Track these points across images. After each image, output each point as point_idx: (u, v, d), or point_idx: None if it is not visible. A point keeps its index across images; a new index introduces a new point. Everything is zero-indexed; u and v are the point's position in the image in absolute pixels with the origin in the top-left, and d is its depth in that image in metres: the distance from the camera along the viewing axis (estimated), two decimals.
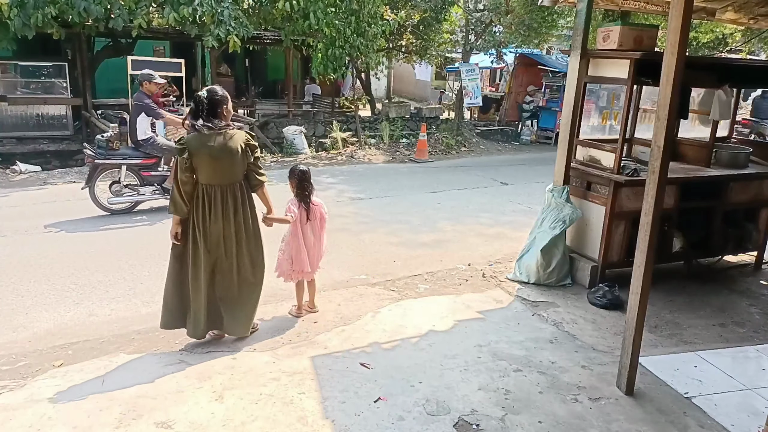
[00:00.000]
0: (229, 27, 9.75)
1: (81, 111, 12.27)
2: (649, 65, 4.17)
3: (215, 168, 3.45)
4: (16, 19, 8.55)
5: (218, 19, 9.65)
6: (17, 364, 3.53)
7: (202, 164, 3.42)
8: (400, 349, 3.79)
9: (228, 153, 3.46)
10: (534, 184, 9.18)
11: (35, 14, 8.64)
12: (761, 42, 16.43)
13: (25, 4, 8.61)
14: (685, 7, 2.89)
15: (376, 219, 7.20)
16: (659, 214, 3.11)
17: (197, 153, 3.40)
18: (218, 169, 3.46)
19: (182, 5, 9.28)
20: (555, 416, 3.09)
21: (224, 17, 9.70)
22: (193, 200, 3.48)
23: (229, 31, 9.76)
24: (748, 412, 3.21)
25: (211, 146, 3.42)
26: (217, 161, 3.44)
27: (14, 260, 5.33)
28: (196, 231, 3.51)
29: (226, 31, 9.72)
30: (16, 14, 8.53)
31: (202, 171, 3.44)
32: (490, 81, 23.32)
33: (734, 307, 4.72)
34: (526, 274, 5.01)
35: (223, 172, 3.48)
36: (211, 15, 9.55)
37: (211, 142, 3.42)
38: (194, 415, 2.99)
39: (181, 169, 3.41)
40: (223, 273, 3.64)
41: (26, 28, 8.81)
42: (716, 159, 5.39)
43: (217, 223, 3.51)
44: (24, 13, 8.62)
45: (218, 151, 3.43)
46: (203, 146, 3.41)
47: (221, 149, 3.44)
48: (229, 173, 3.51)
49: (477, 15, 14.90)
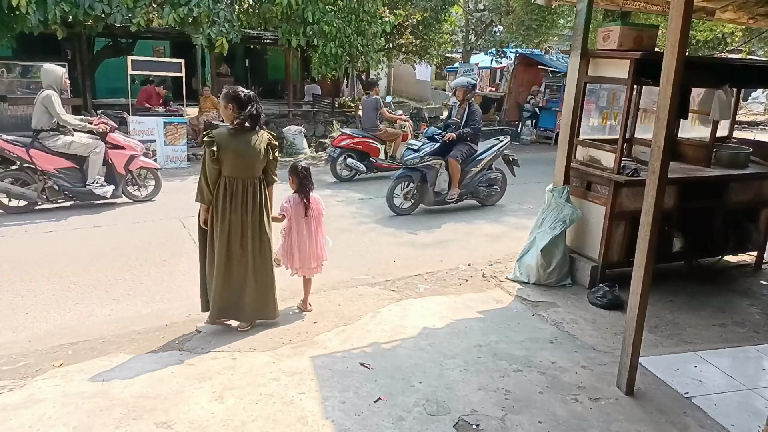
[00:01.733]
0: (222, 28, 9.75)
1: (81, 111, 12.25)
2: (649, 65, 4.17)
3: (238, 163, 3.72)
4: (33, 15, 8.53)
5: (213, 20, 9.66)
6: (17, 364, 3.52)
7: (227, 158, 3.68)
8: (400, 349, 3.79)
9: (252, 150, 3.73)
10: (534, 184, 9.17)
11: (53, 11, 8.64)
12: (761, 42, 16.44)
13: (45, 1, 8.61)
14: (685, 7, 2.89)
15: (376, 219, 7.20)
16: (659, 214, 3.11)
17: (224, 148, 3.67)
18: (241, 165, 3.73)
19: (181, 6, 9.28)
20: (555, 416, 3.09)
21: (219, 18, 9.70)
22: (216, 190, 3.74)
23: (222, 32, 9.76)
24: (749, 412, 3.21)
25: (238, 143, 3.69)
26: (241, 157, 3.71)
27: (14, 260, 5.33)
28: (218, 220, 3.76)
29: (218, 32, 9.72)
30: (35, 10, 8.52)
31: (227, 164, 3.70)
32: (490, 81, 23.32)
33: (734, 307, 4.72)
34: (526, 274, 5.01)
35: (246, 167, 3.75)
36: (207, 15, 9.55)
37: (238, 140, 3.70)
38: (194, 415, 2.99)
39: (209, 160, 3.67)
40: (241, 261, 3.84)
41: (41, 24, 8.80)
42: (716, 159, 5.39)
43: (237, 213, 3.76)
44: (41, 9, 8.62)
45: (244, 148, 3.71)
46: (231, 143, 3.68)
47: (247, 147, 3.72)
48: (252, 168, 3.78)
49: (477, 15, 14.93)
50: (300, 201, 4.16)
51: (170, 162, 10.16)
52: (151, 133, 10.00)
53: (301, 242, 4.20)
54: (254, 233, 3.83)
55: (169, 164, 10.12)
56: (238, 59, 18.32)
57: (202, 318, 4.21)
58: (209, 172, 3.68)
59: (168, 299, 4.59)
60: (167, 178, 9.30)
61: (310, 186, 4.20)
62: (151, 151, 9.97)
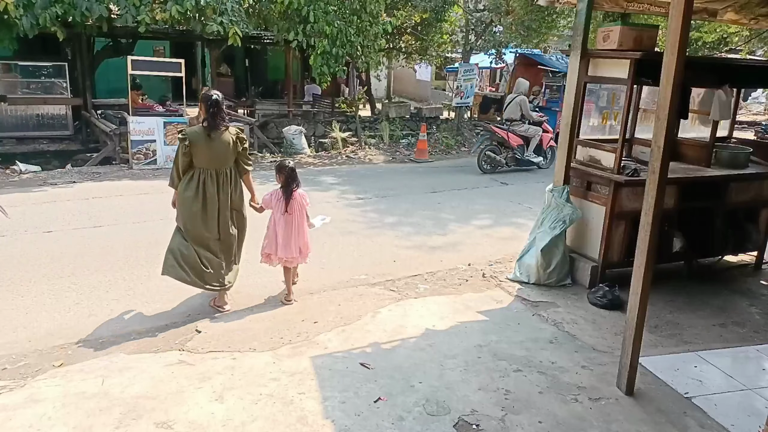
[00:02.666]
0: (231, 18, 9.74)
1: (81, 111, 12.27)
2: (649, 65, 4.17)
3: (208, 155, 4.18)
4: (24, 19, 8.51)
5: (221, 10, 9.65)
6: (17, 364, 3.53)
7: (198, 151, 4.15)
8: (400, 349, 3.79)
9: (220, 144, 4.19)
10: (534, 184, 9.18)
11: (43, 14, 8.62)
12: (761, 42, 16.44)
13: (33, 4, 8.59)
14: (685, 7, 2.89)
15: (376, 219, 7.20)
16: (659, 214, 3.11)
17: (194, 143, 4.14)
18: (211, 156, 4.19)
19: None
20: (555, 416, 3.09)
21: (227, 7, 9.70)
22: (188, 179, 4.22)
23: (232, 21, 9.74)
24: (749, 412, 3.21)
25: (207, 139, 4.14)
26: (211, 150, 4.16)
27: (14, 260, 5.33)
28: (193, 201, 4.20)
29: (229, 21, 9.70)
30: (23, 14, 8.50)
31: (199, 156, 4.17)
32: (490, 81, 23.31)
33: (734, 307, 4.72)
34: (526, 274, 5.01)
35: (215, 158, 4.20)
36: (213, 8, 9.54)
37: (207, 136, 4.14)
38: (194, 415, 2.99)
39: (182, 153, 4.15)
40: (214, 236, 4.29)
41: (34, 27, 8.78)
42: (716, 159, 5.39)
43: (208, 197, 4.21)
44: (31, 13, 8.60)
45: (212, 143, 4.16)
46: (200, 138, 4.14)
47: (214, 141, 4.17)
48: (221, 159, 4.22)
49: (477, 15, 14.90)
50: (281, 197, 4.43)
51: (170, 162, 10.13)
52: (151, 133, 10.00)
53: (282, 233, 4.43)
54: (223, 213, 4.27)
55: (169, 164, 10.09)
56: (238, 59, 18.30)
57: (202, 318, 4.22)
58: (180, 163, 4.20)
59: (168, 299, 4.59)
60: (167, 178, 9.31)
61: (293, 184, 4.45)
62: (151, 151, 10.02)
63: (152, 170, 9.89)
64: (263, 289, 4.78)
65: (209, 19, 9.69)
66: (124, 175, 9.46)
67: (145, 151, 9.99)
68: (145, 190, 8.38)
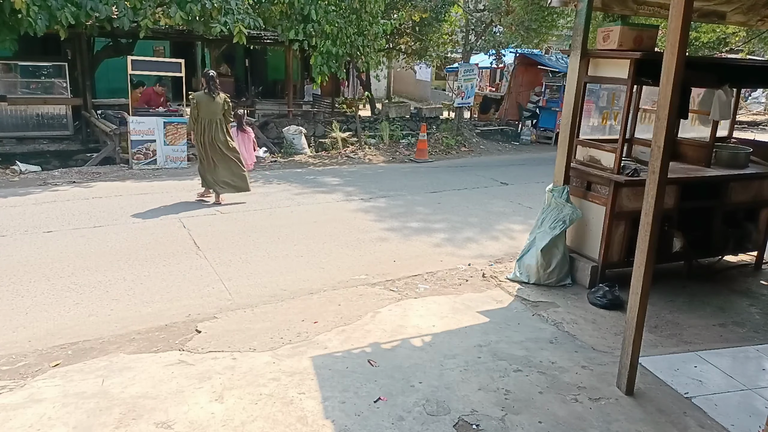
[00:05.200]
0: (237, 16, 9.73)
1: (81, 111, 12.27)
2: (649, 65, 4.17)
3: (208, 110, 7.28)
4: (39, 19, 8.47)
5: (225, 9, 9.66)
6: (17, 364, 3.53)
7: (201, 108, 7.26)
8: (400, 349, 3.79)
9: (215, 105, 7.31)
10: (534, 184, 9.18)
11: (62, 13, 8.58)
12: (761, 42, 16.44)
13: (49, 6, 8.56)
14: (685, 7, 2.89)
15: (375, 219, 7.20)
16: (659, 214, 3.11)
17: (199, 102, 7.25)
18: (209, 111, 7.28)
19: (189, 2, 9.22)
20: (555, 416, 3.09)
21: (231, 6, 9.71)
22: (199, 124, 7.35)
23: (237, 19, 9.73)
24: (749, 412, 3.21)
25: (207, 100, 7.27)
26: (209, 107, 7.27)
27: (14, 260, 5.33)
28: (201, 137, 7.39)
29: (234, 19, 9.70)
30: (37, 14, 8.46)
31: (202, 111, 7.28)
32: (490, 81, 23.30)
33: (734, 307, 4.72)
34: (526, 274, 5.01)
35: (212, 112, 7.30)
36: (218, 9, 9.54)
37: (207, 98, 7.28)
38: (194, 415, 2.99)
39: (192, 108, 7.33)
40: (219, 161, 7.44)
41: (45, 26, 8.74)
42: (716, 159, 5.39)
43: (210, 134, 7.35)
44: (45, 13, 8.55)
45: (210, 102, 7.30)
46: (203, 100, 7.28)
47: (211, 102, 7.30)
48: (215, 113, 7.34)
49: (477, 15, 14.89)
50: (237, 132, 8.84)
51: (170, 162, 10.16)
52: (151, 133, 9.99)
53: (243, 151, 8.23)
54: (221, 142, 7.41)
55: (169, 164, 10.11)
56: (238, 59, 18.28)
57: (202, 318, 4.22)
58: (192, 116, 7.33)
59: (168, 299, 4.60)
60: (167, 178, 9.33)
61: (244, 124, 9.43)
62: (151, 151, 10.02)
63: (152, 170, 9.89)
64: (263, 289, 4.79)
65: (214, 21, 9.70)
66: (124, 175, 9.46)
67: (145, 151, 9.97)
68: (145, 190, 8.38)
